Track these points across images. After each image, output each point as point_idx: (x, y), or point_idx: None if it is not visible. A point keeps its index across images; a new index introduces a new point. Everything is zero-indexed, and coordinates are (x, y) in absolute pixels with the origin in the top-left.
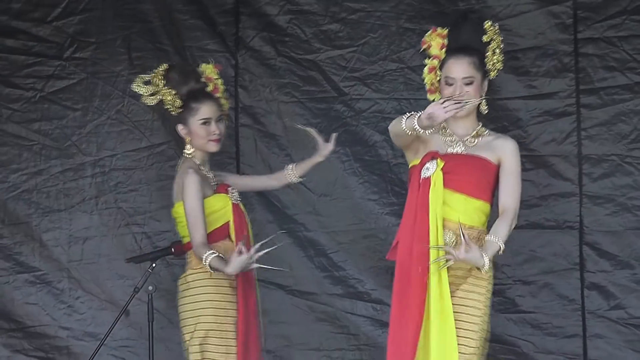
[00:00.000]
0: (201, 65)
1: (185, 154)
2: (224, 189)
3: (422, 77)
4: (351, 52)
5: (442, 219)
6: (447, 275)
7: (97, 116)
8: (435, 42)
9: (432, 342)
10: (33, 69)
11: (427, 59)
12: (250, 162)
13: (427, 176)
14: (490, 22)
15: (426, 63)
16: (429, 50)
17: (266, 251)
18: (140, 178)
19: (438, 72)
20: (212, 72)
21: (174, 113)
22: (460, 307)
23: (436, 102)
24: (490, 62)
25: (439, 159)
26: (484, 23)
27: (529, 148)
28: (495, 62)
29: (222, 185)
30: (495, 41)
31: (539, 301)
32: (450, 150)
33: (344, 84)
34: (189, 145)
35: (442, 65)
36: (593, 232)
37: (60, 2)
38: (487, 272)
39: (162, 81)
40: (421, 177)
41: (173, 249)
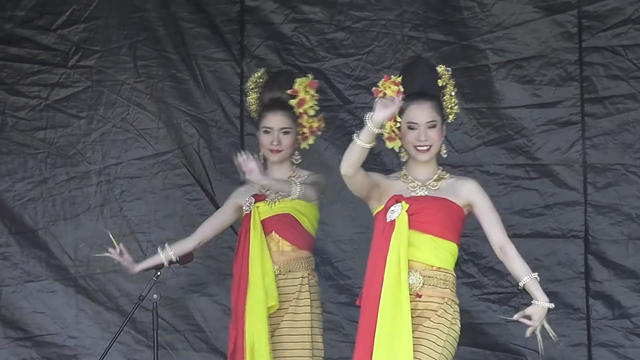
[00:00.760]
0: (296, 80)
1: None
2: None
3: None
4: (356, 60)
5: (407, 260)
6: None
7: (102, 124)
8: (390, 91)
9: None
10: (38, 77)
11: None
12: None
13: (392, 219)
14: (443, 66)
15: None
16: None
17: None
18: (145, 186)
19: (398, 119)
20: (300, 85)
21: (254, 116)
22: (419, 339)
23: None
24: (449, 106)
25: (403, 202)
26: (436, 67)
27: (534, 157)
28: (453, 105)
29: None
30: (450, 84)
31: None
32: (413, 194)
33: (349, 93)
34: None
35: (401, 111)
36: (598, 241)
37: (65, 10)
38: (452, 307)
39: (254, 84)
40: (387, 220)
41: (178, 258)
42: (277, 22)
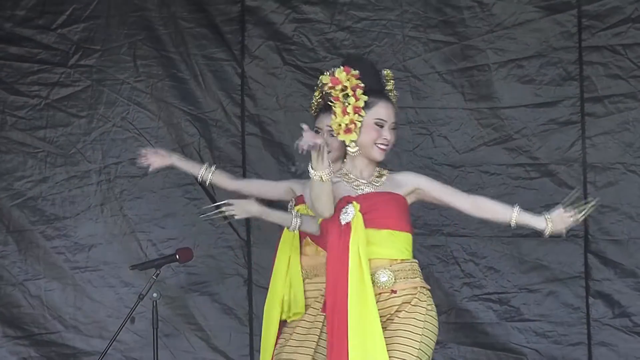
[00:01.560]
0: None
1: None
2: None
3: (344, 118)
4: None
5: (367, 260)
6: (378, 311)
7: (102, 123)
8: (349, 83)
9: None
10: (38, 76)
11: (345, 98)
12: (257, 171)
13: (347, 221)
14: (389, 70)
15: (360, 97)
16: (345, 90)
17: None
18: (145, 185)
19: (362, 113)
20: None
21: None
22: (394, 337)
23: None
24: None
25: (354, 202)
26: (382, 70)
27: (534, 156)
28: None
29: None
30: (393, 90)
31: (544, 309)
32: (360, 193)
33: None
34: None
35: (367, 105)
36: (598, 241)
37: (65, 9)
38: (424, 294)
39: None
40: (342, 223)
41: (178, 256)
42: (277, 22)
